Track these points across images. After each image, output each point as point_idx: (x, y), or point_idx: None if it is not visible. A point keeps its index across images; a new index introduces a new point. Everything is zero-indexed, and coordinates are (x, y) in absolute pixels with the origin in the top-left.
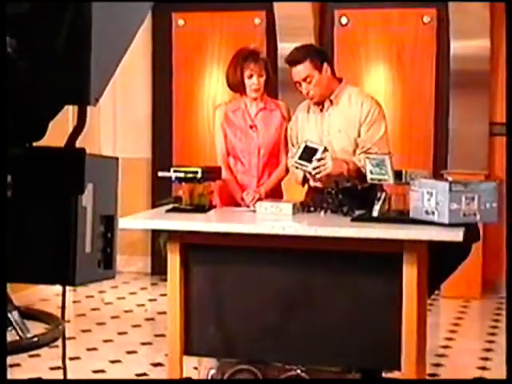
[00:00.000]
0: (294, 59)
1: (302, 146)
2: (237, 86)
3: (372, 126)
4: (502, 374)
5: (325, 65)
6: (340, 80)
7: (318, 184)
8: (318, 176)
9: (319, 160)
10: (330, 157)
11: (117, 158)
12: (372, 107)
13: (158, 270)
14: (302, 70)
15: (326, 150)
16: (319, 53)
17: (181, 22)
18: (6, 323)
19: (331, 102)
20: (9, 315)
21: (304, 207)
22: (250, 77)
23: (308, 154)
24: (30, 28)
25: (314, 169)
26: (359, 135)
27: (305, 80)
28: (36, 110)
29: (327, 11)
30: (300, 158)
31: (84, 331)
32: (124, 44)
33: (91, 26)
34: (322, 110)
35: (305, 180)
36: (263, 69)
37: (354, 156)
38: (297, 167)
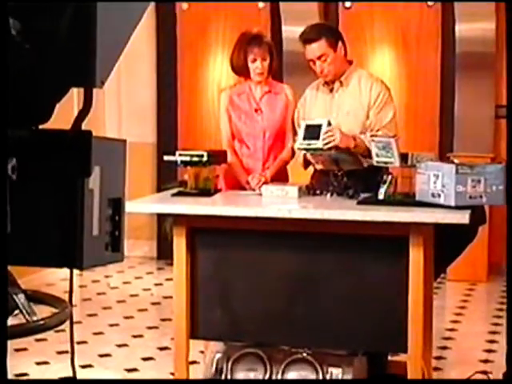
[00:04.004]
0: (309, 37)
1: (303, 127)
2: (241, 70)
3: (382, 109)
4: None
5: (339, 44)
6: (350, 62)
7: (320, 166)
8: (327, 147)
9: (326, 133)
10: (338, 130)
11: (124, 141)
12: (382, 91)
13: (164, 254)
14: (316, 48)
15: (329, 123)
16: (334, 32)
17: (185, 6)
18: (5, 324)
19: (341, 83)
20: (15, 298)
21: (309, 190)
22: (254, 61)
23: (312, 132)
24: (35, 10)
25: (325, 143)
26: (368, 118)
27: (319, 58)
28: (41, 93)
29: None
30: (305, 139)
31: (90, 315)
32: (129, 27)
33: (96, 8)
34: (331, 91)
35: (306, 162)
36: (267, 52)
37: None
38: (305, 149)
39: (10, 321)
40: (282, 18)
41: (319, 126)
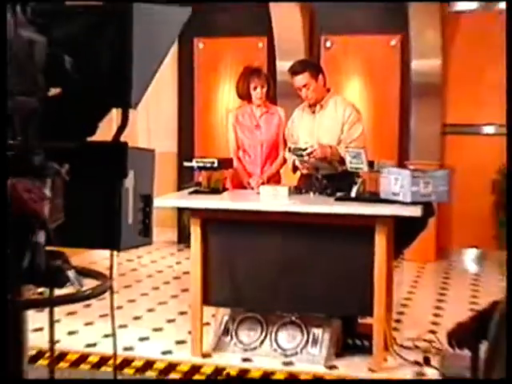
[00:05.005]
0: (296, 70)
1: (293, 148)
2: (244, 95)
3: (352, 126)
4: (451, 321)
5: (320, 75)
6: (328, 90)
7: (305, 171)
8: (311, 159)
9: (310, 152)
10: (317, 145)
11: (153, 150)
12: (353, 112)
13: (183, 239)
14: (302, 79)
15: (311, 146)
16: (316, 66)
17: (201, 45)
18: (6, 324)
19: (321, 106)
20: (67, 273)
21: (297, 190)
22: (255, 88)
23: (300, 151)
24: (83, 48)
25: (308, 155)
26: (342, 133)
27: (304, 86)
28: (89, 113)
29: (315, 37)
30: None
31: (125, 287)
32: (157, 62)
33: (132, 47)
34: (313, 112)
35: (294, 168)
36: (265, 82)
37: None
38: (300, 161)
39: (64, 291)
40: (276, 55)
41: (306, 149)
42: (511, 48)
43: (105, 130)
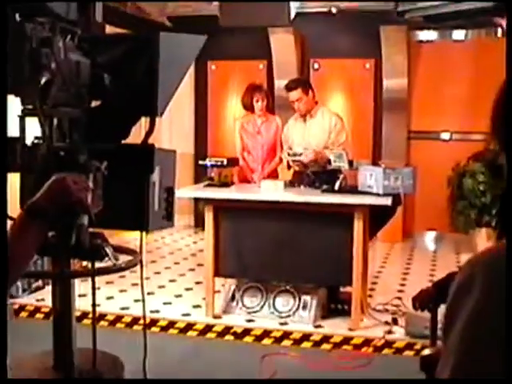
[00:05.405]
0: (290, 87)
1: (292, 153)
2: (248, 107)
3: (338, 133)
4: (414, 289)
5: (310, 91)
6: (317, 102)
7: (297, 168)
8: (305, 161)
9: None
10: (310, 151)
11: (174, 151)
12: (338, 121)
13: (199, 223)
14: (295, 94)
15: (305, 149)
16: (306, 83)
17: (213, 67)
18: (5, 325)
19: (311, 115)
20: (106, 249)
21: (291, 184)
22: (257, 101)
23: (295, 154)
24: (119, 68)
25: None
26: (329, 139)
27: (297, 100)
28: (122, 120)
29: (305, 59)
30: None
31: (152, 262)
32: (178, 79)
33: (158, 66)
34: (304, 121)
35: (288, 166)
36: (265, 96)
37: (325, 150)
38: (293, 160)
39: (103, 264)
40: (274, 75)
41: (301, 154)
42: (511, 54)
43: (135, 135)
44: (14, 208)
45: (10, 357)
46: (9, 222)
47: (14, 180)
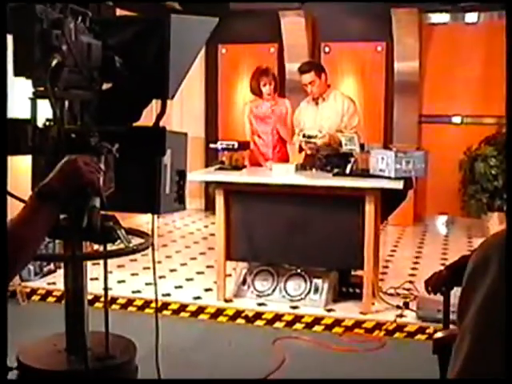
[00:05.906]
0: (304, 69)
1: (307, 135)
2: (256, 92)
3: (351, 117)
4: (426, 272)
5: (323, 75)
6: (329, 85)
7: (309, 151)
8: (319, 143)
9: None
10: (324, 133)
11: (186, 133)
12: (350, 104)
13: (210, 207)
14: (308, 77)
15: (320, 131)
16: (319, 66)
17: (224, 50)
18: (5, 326)
19: (323, 98)
20: (118, 232)
21: (302, 167)
22: (264, 85)
23: (310, 136)
24: (130, 51)
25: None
26: (342, 122)
27: (310, 83)
28: (134, 103)
29: (316, 43)
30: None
31: (163, 245)
32: (189, 62)
33: (170, 50)
34: (316, 104)
35: (300, 149)
36: (272, 80)
37: (337, 133)
38: (306, 142)
39: (115, 247)
40: (285, 58)
41: (316, 136)
42: (511, 47)
43: (147, 117)
44: (25, 190)
45: (22, 339)
46: (20, 205)
47: (25, 163)
